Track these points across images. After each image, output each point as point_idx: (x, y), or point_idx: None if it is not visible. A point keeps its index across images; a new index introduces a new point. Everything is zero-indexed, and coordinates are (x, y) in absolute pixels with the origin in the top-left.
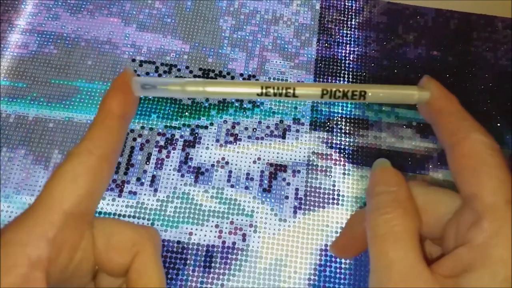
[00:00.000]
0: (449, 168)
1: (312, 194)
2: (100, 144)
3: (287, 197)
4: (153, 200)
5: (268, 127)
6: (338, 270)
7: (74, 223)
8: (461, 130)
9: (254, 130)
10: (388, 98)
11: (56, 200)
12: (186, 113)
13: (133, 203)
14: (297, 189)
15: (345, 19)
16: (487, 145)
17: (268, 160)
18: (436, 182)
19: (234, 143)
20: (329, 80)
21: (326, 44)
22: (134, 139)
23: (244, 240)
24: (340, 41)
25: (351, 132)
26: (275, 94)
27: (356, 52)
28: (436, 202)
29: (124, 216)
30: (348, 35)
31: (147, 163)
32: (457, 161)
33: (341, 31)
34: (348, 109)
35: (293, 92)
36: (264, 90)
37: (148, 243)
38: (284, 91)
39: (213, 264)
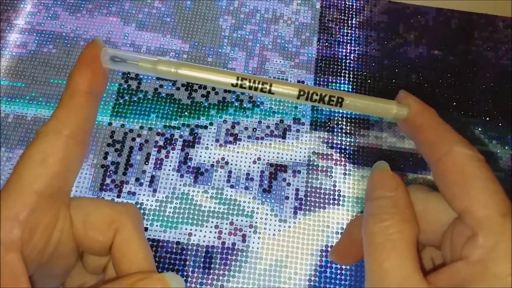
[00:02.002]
0: (436, 183)
1: (313, 194)
2: (68, 122)
3: (287, 198)
4: (152, 201)
5: (268, 127)
6: (338, 271)
7: (47, 203)
8: (443, 144)
9: (254, 130)
10: (365, 109)
11: (26, 181)
12: (186, 113)
13: (132, 203)
14: (297, 190)
15: (346, 18)
16: (472, 157)
17: (268, 160)
18: (431, 186)
19: (234, 143)
20: (330, 80)
21: (327, 44)
22: (133, 139)
23: (244, 241)
24: (341, 40)
25: (352, 132)
26: (250, 88)
27: (356, 52)
28: (436, 209)
29: None
30: (349, 34)
31: (146, 163)
32: (443, 176)
33: (341, 30)
34: None
35: (269, 88)
36: (239, 82)
37: (126, 219)
38: (260, 85)
39: (212, 265)
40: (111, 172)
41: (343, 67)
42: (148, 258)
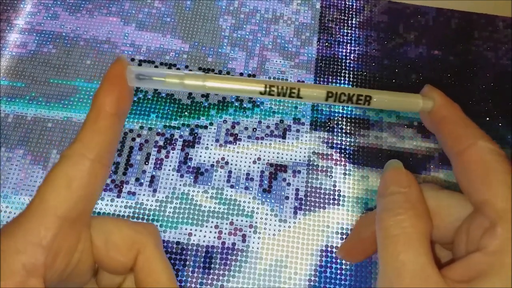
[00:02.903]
0: (455, 176)
1: (313, 194)
2: (93, 146)
3: (287, 198)
4: (152, 201)
5: (268, 127)
6: (338, 271)
7: (70, 227)
8: (467, 138)
9: (254, 130)
10: (392, 105)
11: (50, 205)
12: (186, 113)
13: (132, 203)
14: (297, 190)
15: (346, 18)
16: (494, 152)
17: (268, 160)
18: (447, 185)
19: (234, 143)
20: (330, 80)
21: (327, 44)
22: (133, 139)
23: (244, 241)
24: (341, 40)
25: (352, 132)
26: (278, 94)
27: (356, 52)
28: (448, 206)
29: (123, 216)
30: (349, 34)
31: (146, 163)
32: (465, 168)
33: (341, 30)
34: (349, 109)
35: (298, 93)
36: (267, 89)
37: (148, 240)
38: (288, 91)
39: (212, 265)
40: (111, 172)
41: (343, 67)
42: (172, 279)
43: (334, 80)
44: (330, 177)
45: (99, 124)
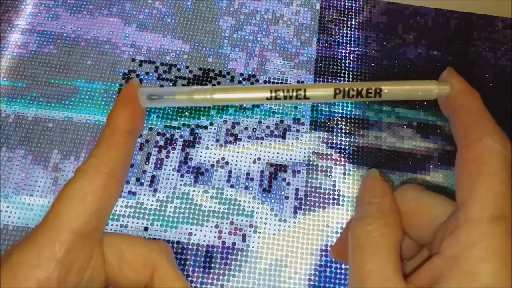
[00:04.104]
0: (455, 168)
1: (313, 194)
2: (108, 161)
3: (287, 197)
4: (152, 200)
5: (268, 127)
6: (338, 271)
7: (83, 242)
8: (476, 132)
9: (254, 130)
10: (405, 94)
11: (64, 220)
12: (186, 113)
13: (132, 203)
14: (297, 189)
15: (345, 19)
16: (497, 153)
17: (268, 160)
18: (430, 185)
19: (234, 143)
20: (329, 80)
21: (326, 44)
22: None
23: (244, 240)
24: (340, 41)
25: (352, 132)
26: (285, 97)
27: (356, 52)
28: (428, 206)
29: (123, 216)
30: (348, 35)
31: (147, 163)
32: (462, 164)
33: (341, 31)
34: (349, 109)
35: (304, 94)
36: (273, 94)
37: (162, 257)
38: (294, 93)
39: (213, 265)
40: None
41: (343, 68)
42: None
43: (333, 81)
44: (330, 177)
45: (114, 140)
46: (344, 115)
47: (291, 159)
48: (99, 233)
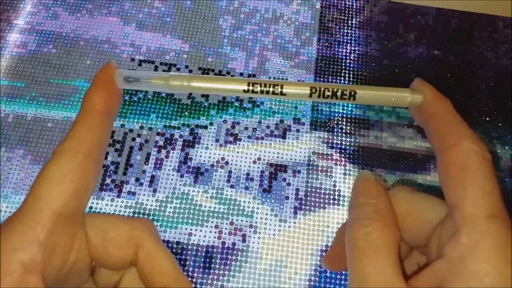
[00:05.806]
0: (438, 175)
1: (313, 194)
2: (84, 141)
3: (287, 198)
4: (152, 201)
5: (268, 127)
6: (338, 272)
7: (65, 223)
8: (452, 136)
9: (254, 130)
10: (379, 100)
11: (44, 201)
12: (186, 113)
13: (132, 203)
14: (297, 190)
15: (346, 18)
16: (477, 154)
17: (268, 160)
18: (430, 186)
19: (234, 143)
20: (330, 80)
21: (327, 43)
22: (133, 139)
23: (244, 240)
24: (341, 40)
25: (352, 132)
26: (262, 92)
27: (356, 52)
28: (421, 208)
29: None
30: (349, 34)
31: (146, 163)
32: (445, 168)
33: (341, 30)
34: (349, 108)
35: (281, 90)
36: (250, 87)
37: (145, 234)
38: (271, 88)
39: (212, 265)
40: (111, 172)
41: (343, 67)
42: (177, 267)
43: (334, 80)
44: (330, 177)
45: (90, 121)
46: (344, 115)
47: (291, 159)
48: (80, 215)
